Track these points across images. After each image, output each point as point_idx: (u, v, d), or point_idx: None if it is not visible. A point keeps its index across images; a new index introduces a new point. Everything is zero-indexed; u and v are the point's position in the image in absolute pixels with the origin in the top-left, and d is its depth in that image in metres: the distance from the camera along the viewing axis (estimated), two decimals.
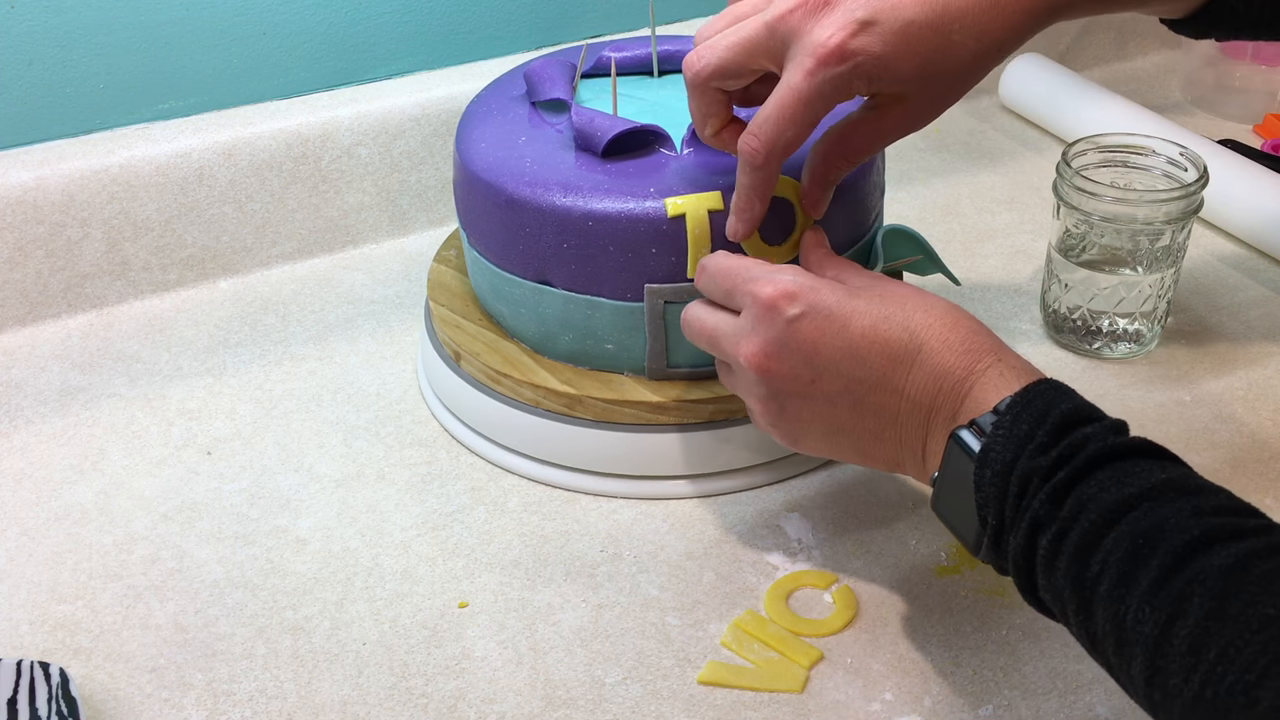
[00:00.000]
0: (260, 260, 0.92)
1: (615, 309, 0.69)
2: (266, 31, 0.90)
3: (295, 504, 0.73)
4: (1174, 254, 0.79)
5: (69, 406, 0.81)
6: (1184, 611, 0.44)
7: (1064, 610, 0.51)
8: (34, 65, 0.85)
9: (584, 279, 0.69)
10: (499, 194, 0.70)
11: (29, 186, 0.85)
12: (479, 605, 0.66)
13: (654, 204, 0.67)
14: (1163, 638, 0.45)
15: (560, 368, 0.72)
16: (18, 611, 0.66)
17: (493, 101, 0.77)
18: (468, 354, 0.74)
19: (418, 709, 0.61)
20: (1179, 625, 0.44)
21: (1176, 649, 0.44)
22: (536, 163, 0.70)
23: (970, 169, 1.03)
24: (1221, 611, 0.43)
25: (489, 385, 0.73)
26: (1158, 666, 0.45)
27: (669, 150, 0.71)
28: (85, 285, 0.88)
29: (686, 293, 0.68)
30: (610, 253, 0.68)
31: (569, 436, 0.71)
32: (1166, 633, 0.45)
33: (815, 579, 0.67)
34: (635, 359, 0.71)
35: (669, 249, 0.67)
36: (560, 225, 0.68)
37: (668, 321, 0.69)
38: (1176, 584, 0.45)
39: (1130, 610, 0.46)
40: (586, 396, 0.70)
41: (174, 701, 0.61)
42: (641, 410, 0.70)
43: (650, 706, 0.60)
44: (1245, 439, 0.75)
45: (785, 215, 0.68)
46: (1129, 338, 0.81)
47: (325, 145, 0.91)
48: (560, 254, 0.69)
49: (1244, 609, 0.43)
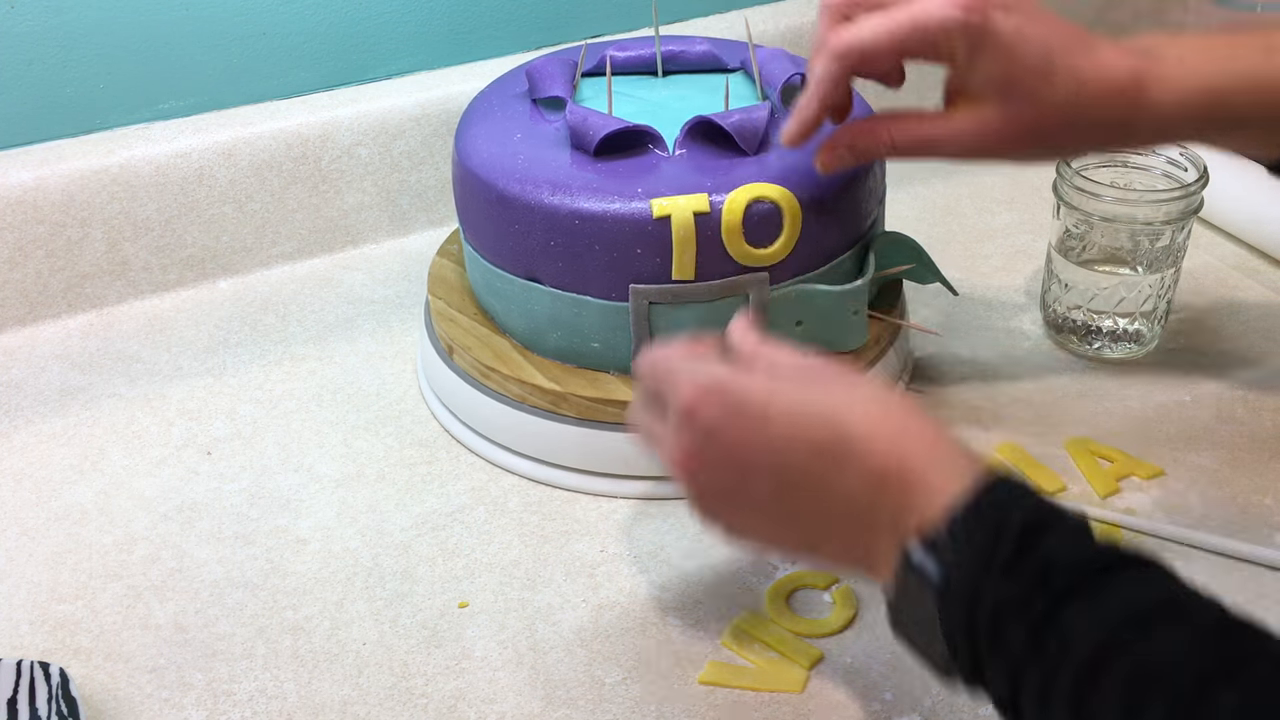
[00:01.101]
0: (260, 260, 0.92)
1: (601, 308, 0.69)
2: (266, 31, 0.90)
3: (295, 504, 0.73)
4: (1174, 254, 0.79)
5: (69, 406, 0.81)
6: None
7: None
8: (34, 65, 0.85)
9: (571, 277, 0.69)
10: (490, 190, 0.70)
11: (29, 186, 0.85)
12: (479, 605, 0.66)
13: (640, 205, 0.67)
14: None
15: (548, 364, 0.72)
16: (18, 611, 0.66)
17: (494, 99, 0.77)
18: (460, 347, 0.74)
19: (418, 709, 0.61)
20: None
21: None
22: (529, 160, 0.70)
23: (970, 169, 1.03)
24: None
25: (479, 379, 0.73)
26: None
27: (661, 151, 0.71)
28: (85, 285, 0.88)
29: (671, 294, 0.68)
30: (596, 252, 0.68)
31: (556, 433, 0.72)
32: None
33: (815, 579, 0.66)
34: (621, 358, 0.71)
35: (654, 250, 0.67)
36: (548, 223, 0.68)
37: (652, 322, 0.69)
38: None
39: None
40: (571, 394, 0.71)
41: (174, 701, 0.61)
42: (625, 409, 0.70)
43: (650, 706, 0.60)
44: (1245, 439, 0.75)
45: (773, 219, 0.68)
46: (1129, 338, 0.81)
47: (325, 145, 0.91)
48: (548, 251, 0.69)
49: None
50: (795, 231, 0.68)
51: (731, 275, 0.68)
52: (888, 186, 0.78)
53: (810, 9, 1.03)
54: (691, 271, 0.68)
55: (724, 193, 0.67)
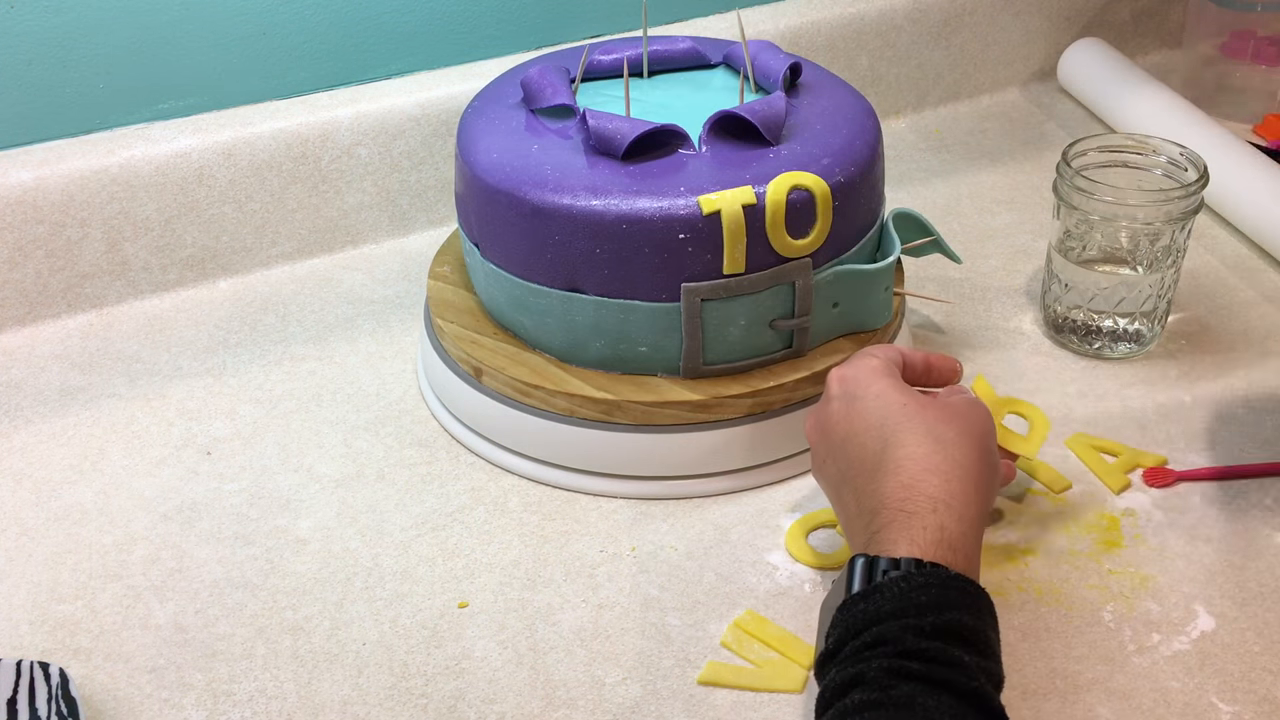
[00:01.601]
0: (260, 260, 0.92)
1: (650, 310, 0.69)
2: (266, 31, 0.90)
3: (295, 504, 0.73)
4: (1174, 254, 0.79)
5: (69, 406, 0.80)
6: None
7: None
8: (34, 65, 0.85)
9: (618, 283, 0.69)
10: (524, 205, 0.69)
11: (29, 186, 0.85)
12: (479, 605, 0.66)
13: (687, 202, 0.67)
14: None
15: (592, 374, 0.72)
16: (18, 611, 0.66)
17: (491, 112, 0.76)
18: (490, 369, 0.73)
19: (418, 709, 0.61)
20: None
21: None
22: (559, 170, 0.69)
23: (970, 169, 1.03)
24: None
25: (517, 399, 0.72)
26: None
27: (687, 149, 0.71)
28: (85, 285, 0.88)
29: (722, 289, 0.68)
30: (645, 254, 0.68)
31: (607, 443, 0.72)
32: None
33: (831, 517, 0.69)
34: (669, 359, 0.71)
35: (704, 246, 0.67)
36: (592, 230, 0.68)
37: (704, 319, 0.69)
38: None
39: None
40: (626, 401, 0.70)
41: (174, 701, 0.61)
42: (683, 410, 0.70)
43: (650, 706, 0.60)
44: (1245, 439, 0.75)
45: (810, 205, 0.68)
46: (1129, 338, 0.81)
47: (325, 145, 0.91)
48: (592, 260, 0.68)
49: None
50: (829, 215, 0.69)
51: (775, 264, 0.69)
52: (888, 186, 0.79)
53: (810, 9, 1.03)
54: (742, 264, 0.68)
55: (763, 184, 0.67)
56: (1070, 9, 1.13)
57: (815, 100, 0.76)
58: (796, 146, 0.71)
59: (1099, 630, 0.64)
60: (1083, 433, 0.75)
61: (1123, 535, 0.69)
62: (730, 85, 0.78)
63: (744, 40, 0.77)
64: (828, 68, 0.91)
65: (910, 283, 0.84)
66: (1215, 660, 0.62)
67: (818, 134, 0.71)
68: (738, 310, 0.69)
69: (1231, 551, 0.68)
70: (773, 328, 0.71)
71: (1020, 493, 0.72)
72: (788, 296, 0.70)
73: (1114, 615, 0.64)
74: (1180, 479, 0.72)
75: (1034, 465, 0.73)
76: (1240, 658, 0.62)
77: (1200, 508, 0.70)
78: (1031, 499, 0.71)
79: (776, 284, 0.69)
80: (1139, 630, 0.63)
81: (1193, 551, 0.68)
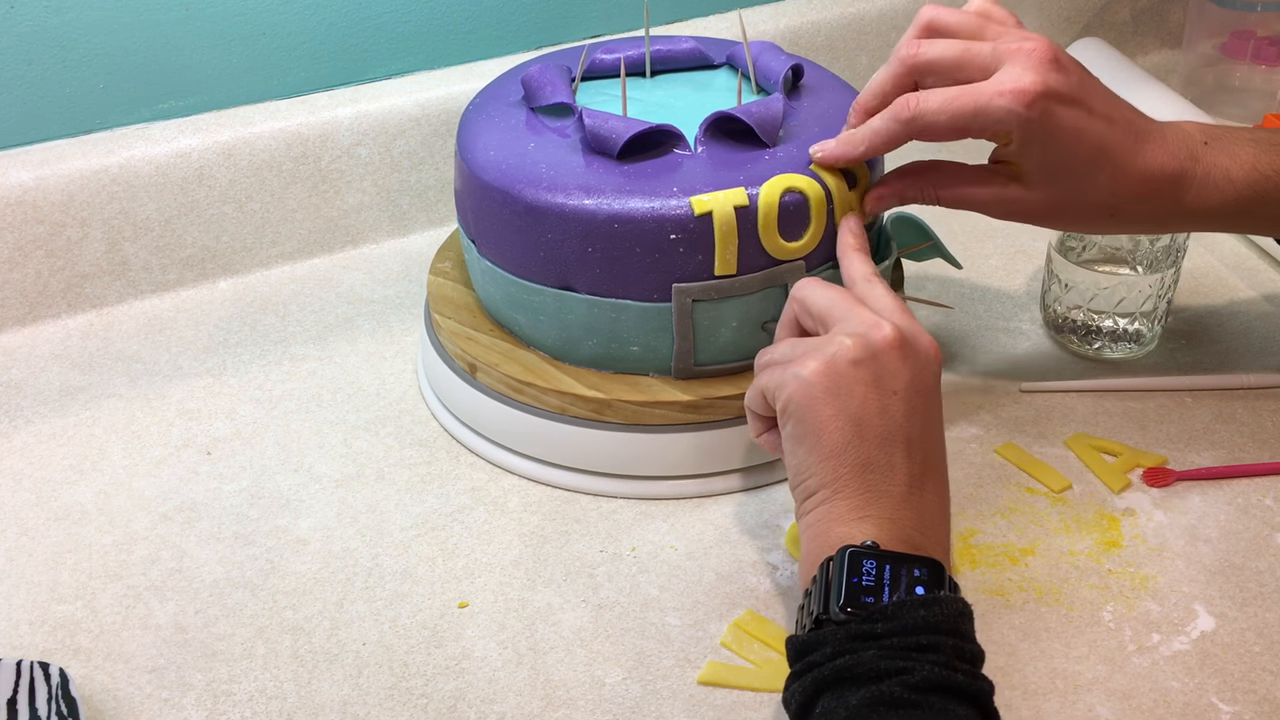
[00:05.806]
0: (260, 260, 0.92)
1: (642, 310, 0.69)
2: (266, 31, 0.90)
3: (295, 504, 0.73)
4: (1174, 254, 0.79)
5: (69, 406, 0.81)
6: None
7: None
8: (34, 65, 0.85)
9: (609, 282, 0.69)
10: (517, 202, 0.69)
11: (29, 186, 0.85)
12: (479, 605, 0.66)
13: (679, 202, 0.67)
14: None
15: (584, 373, 0.72)
16: (18, 611, 0.66)
17: (490, 110, 0.76)
18: (485, 365, 0.73)
19: (418, 709, 0.61)
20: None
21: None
22: (553, 168, 0.69)
23: None
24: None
25: (510, 396, 0.73)
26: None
27: (683, 150, 0.71)
28: (85, 285, 0.88)
29: (714, 290, 0.68)
30: (637, 254, 0.68)
31: (598, 442, 0.71)
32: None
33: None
34: (661, 359, 0.71)
35: (696, 247, 0.67)
36: (584, 229, 0.68)
37: (696, 320, 0.69)
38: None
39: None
40: (616, 400, 0.70)
41: (174, 701, 0.61)
42: (674, 410, 0.70)
43: (650, 706, 0.60)
44: (1245, 439, 0.75)
45: (803, 208, 0.68)
46: (1129, 338, 0.81)
47: (325, 145, 0.91)
48: (584, 258, 0.68)
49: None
50: (824, 218, 0.69)
51: (767, 267, 0.69)
52: None
53: (810, 9, 1.03)
54: (734, 266, 0.68)
55: (756, 185, 0.67)
56: (1070, 9, 1.13)
57: (815, 102, 0.76)
58: (794, 148, 0.71)
59: (1099, 630, 0.64)
60: (1083, 433, 0.75)
61: (1123, 535, 0.69)
62: (732, 86, 0.78)
63: (745, 41, 0.77)
64: (828, 68, 0.91)
65: (909, 284, 0.84)
66: (1215, 660, 0.62)
67: (816, 136, 0.71)
68: (729, 312, 0.69)
69: (1231, 551, 0.68)
70: (765, 330, 0.71)
71: (1020, 493, 0.72)
72: (780, 299, 0.70)
73: (1114, 615, 0.64)
74: (1180, 479, 0.72)
75: (1032, 466, 0.73)
76: (1240, 658, 0.62)
77: (1200, 508, 0.70)
78: (1031, 499, 0.71)
79: (768, 286, 0.69)
80: (1139, 630, 0.64)
81: (1193, 551, 0.68)
